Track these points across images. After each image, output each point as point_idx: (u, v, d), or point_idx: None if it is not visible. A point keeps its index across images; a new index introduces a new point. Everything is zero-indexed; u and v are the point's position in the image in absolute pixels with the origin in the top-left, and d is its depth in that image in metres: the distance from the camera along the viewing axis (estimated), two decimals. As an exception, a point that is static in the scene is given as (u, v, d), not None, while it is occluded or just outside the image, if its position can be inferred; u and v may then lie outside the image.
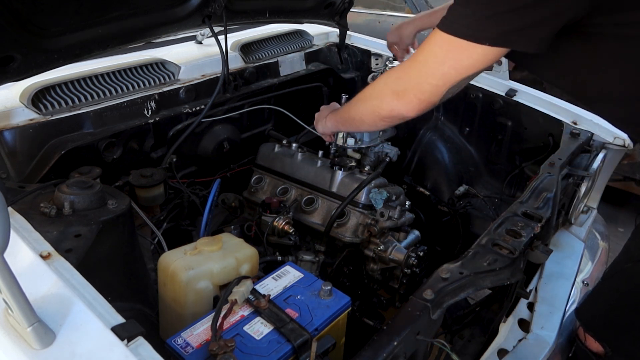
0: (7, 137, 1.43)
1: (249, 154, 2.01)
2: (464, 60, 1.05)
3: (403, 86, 1.16)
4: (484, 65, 1.06)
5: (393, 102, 1.18)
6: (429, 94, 1.12)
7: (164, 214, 1.63)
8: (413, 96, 1.14)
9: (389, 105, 1.20)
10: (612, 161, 1.93)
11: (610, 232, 2.20)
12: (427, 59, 1.10)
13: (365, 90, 1.34)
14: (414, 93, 1.14)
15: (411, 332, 1.00)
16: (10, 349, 0.77)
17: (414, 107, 1.16)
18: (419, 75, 1.13)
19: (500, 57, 1.06)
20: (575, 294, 1.71)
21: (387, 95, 1.20)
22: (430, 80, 1.10)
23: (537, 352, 1.40)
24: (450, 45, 1.04)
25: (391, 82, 1.21)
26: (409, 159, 2.21)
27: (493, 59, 1.05)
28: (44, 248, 0.95)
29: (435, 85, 1.10)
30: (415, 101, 1.14)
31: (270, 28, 2.37)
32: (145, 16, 1.57)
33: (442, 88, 1.10)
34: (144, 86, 1.75)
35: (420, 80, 1.12)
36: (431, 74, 1.10)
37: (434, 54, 1.09)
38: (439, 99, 1.13)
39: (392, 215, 1.60)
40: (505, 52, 1.04)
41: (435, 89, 1.11)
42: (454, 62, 1.06)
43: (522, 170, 1.98)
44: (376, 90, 1.28)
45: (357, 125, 1.43)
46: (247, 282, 1.09)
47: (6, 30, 1.22)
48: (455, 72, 1.07)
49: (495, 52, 1.02)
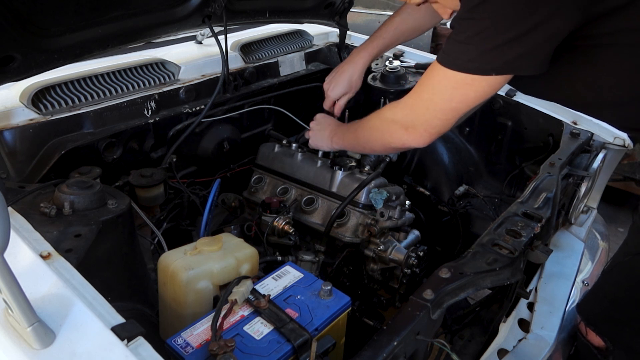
0: (7, 137, 1.42)
1: (249, 154, 2.01)
2: (471, 93, 1.07)
3: (412, 122, 1.19)
4: (491, 93, 1.09)
5: (404, 136, 1.22)
6: (439, 127, 1.16)
7: (164, 214, 1.63)
8: (423, 130, 1.18)
9: (400, 139, 1.23)
10: (612, 161, 1.93)
11: (610, 232, 2.20)
12: (433, 97, 1.12)
13: (372, 120, 1.35)
14: (424, 128, 1.17)
15: (411, 332, 1.00)
16: (10, 349, 0.77)
17: (425, 140, 1.19)
18: (427, 112, 1.15)
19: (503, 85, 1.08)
20: (575, 294, 1.71)
21: (397, 130, 1.23)
22: (439, 116, 1.13)
23: (537, 352, 1.41)
24: (456, 82, 1.06)
25: (399, 118, 1.23)
26: (409, 159, 2.21)
27: (498, 86, 1.08)
28: (44, 248, 0.95)
29: (445, 119, 1.14)
30: (426, 134, 1.18)
31: (270, 28, 2.37)
32: (145, 16, 1.57)
33: (452, 120, 1.14)
34: (144, 86, 1.75)
35: (429, 117, 1.15)
36: (440, 110, 1.12)
37: (441, 92, 1.10)
38: (449, 128, 1.17)
39: (392, 215, 1.60)
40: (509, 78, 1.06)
41: (445, 122, 1.14)
42: (462, 97, 1.08)
43: (522, 170, 1.98)
44: (385, 124, 1.29)
45: (367, 151, 1.48)
46: (247, 282, 1.09)
47: (6, 30, 1.22)
48: (464, 105, 1.10)
49: (500, 80, 1.05)
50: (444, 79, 1.08)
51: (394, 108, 1.28)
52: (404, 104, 1.23)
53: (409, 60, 2.28)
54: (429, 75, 1.12)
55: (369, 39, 1.81)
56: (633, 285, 1.44)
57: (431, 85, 1.12)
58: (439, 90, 1.11)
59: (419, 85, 1.17)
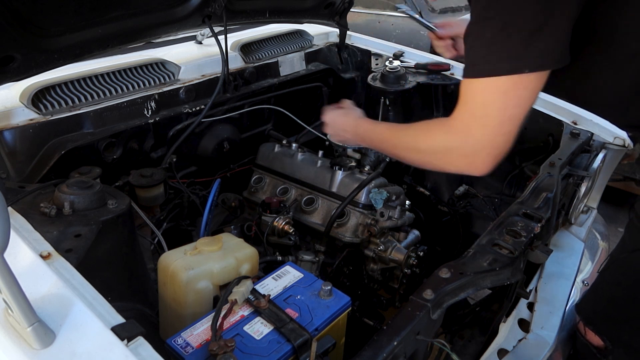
0: (7, 137, 1.42)
1: (249, 154, 2.01)
2: (523, 92, 0.98)
3: (472, 149, 1.05)
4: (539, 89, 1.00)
5: (463, 166, 1.08)
6: (502, 145, 1.02)
7: (164, 214, 1.63)
8: (486, 155, 1.04)
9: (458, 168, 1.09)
10: (612, 161, 1.93)
11: (610, 232, 2.20)
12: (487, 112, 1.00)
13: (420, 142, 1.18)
14: (487, 152, 1.03)
15: (411, 332, 1.00)
16: (10, 349, 0.77)
17: (488, 166, 1.06)
18: (487, 131, 1.01)
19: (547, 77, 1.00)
20: (575, 294, 1.71)
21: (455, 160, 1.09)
22: (500, 131, 1.01)
23: (537, 352, 1.41)
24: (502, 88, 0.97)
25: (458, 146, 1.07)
26: (409, 159, 2.21)
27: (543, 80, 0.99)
28: (44, 248, 0.95)
29: (507, 133, 1.01)
30: (489, 159, 1.04)
31: (270, 28, 2.37)
32: (145, 16, 1.57)
33: (514, 132, 1.01)
34: (144, 86, 1.75)
35: (490, 136, 1.02)
36: (499, 124, 1.00)
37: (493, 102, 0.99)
38: (512, 143, 1.03)
39: (392, 215, 1.60)
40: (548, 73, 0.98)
41: (507, 137, 1.02)
42: (516, 100, 0.98)
43: (522, 170, 1.98)
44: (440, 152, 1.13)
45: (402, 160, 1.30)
46: (247, 282, 1.09)
47: (6, 30, 1.22)
48: (521, 109, 1.00)
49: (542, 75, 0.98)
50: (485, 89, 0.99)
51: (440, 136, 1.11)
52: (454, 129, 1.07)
53: (409, 60, 2.28)
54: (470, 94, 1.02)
55: None
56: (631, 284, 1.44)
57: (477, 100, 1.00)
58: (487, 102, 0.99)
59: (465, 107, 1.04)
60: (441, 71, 2.15)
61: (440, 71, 2.15)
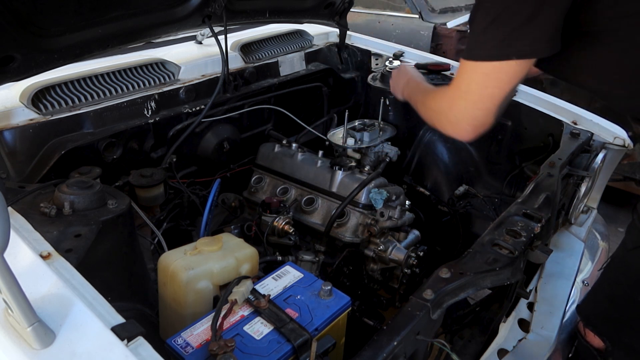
0: (7, 137, 1.42)
1: (249, 154, 2.01)
2: (503, 77, 1.12)
3: (455, 117, 1.22)
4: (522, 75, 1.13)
5: (449, 129, 1.25)
6: (482, 118, 1.18)
7: (164, 214, 1.63)
8: (466, 124, 1.20)
9: (446, 130, 1.26)
10: (612, 161, 1.93)
11: (610, 232, 2.20)
12: (468, 89, 1.17)
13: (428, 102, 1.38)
14: (467, 122, 1.20)
15: (411, 332, 1.00)
16: (10, 349, 0.77)
17: (469, 134, 1.21)
18: (467, 104, 1.18)
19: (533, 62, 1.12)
20: (575, 294, 1.71)
21: (444, 123, 1.27)
22: (479, 105, 1.16)
23: (537, 352, 1.41)
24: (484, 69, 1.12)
25: (445, 111, 1.26)
26: (409, 159, 2.21)
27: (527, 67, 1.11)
28: (44, 248, 0.95)
29: (485, 108, 1.16)
30: (470, 128, 1.20)
31: (270, 28, 2.37)
32: (145, 16, 1.57)
33: (493, 109, 1.16)
34: (144, 86, 1.75)
35: (469, 108, 1.18)
36: (477, 100, 1.16)
37: (473, 82, 1.15)
38: (492, 119, 1.18)
39: (392, 215, 1.60)
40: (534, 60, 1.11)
41: (487, 111, 1.17)
42: (496, 82, 1.12)
43: (522, 170, 1.98)
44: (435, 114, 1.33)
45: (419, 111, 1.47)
46: (247, 282, 1.09)
47: (6, 30, 1.22)
48: (499, 90, 1.13)
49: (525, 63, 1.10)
50: (471, 71, 1.15)
51: (439, 100, 1.31)
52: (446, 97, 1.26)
53: (409, 60, 2.28)
54: (461, 72, 1.18)
55: None
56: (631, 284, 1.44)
57: (466, 78, 1.17)
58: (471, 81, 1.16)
59: (454, 81, 1.21)
60: (441, 71, 2.15)
61: (440, 71, 2.15)
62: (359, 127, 1.87)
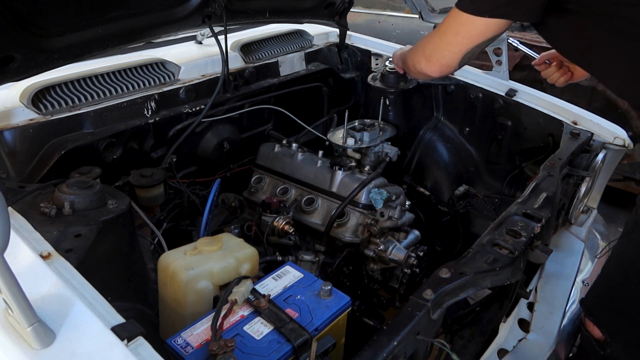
0: (7, 137, 1.42)
1: (249, 154, 2.01)
2: (472, 30, 1.28)
3: (429, 51, 1.41)
4: (490, 34, 1.28)
5: (423, 62, 1.43)
6: (447, 59, 1.37)
7: (164, 214, 1.63)
8: (436, 60, 1.39)
9: (420, 64, 1.44)
10: (612, 161, 1.93)
11: (610, 232, 2.20)
12: (446, 31, 1.35)
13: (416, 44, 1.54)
14: (437, 57, 1.38)
15: (411, 332, 1.00)
16: (10, 349, 0.77)
17: (437, 69, 1.41)
18: (440, 43, 1.37)
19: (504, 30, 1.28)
20: (575, 294, 1.71)
21: (420, 57, 1.44)
22: (448, 47, 1.35)
23: (537, 352, 1.41)
24: (461, 19, 1.28)
25: (423, 46, 1.45)
26: (409, 159, 2.21)
27: (496, 29, 1.27)
28: (44, 248, 0.95)
29: (452, 51, 1.35)
30: (438, 64, 1.39)
31: (270, 28, 2.37)
32: (145, 16, 1.57)
33: (458, 54, 1.34)
34: (144, 86, 1.75)
35: (441, 47, 1.37)
36: (448, 42, 1.34)
37: (450, 27, 1.33)
38: (456, 63, 1.37)
39: (392, 215, 1.60)
40: (507, 24, 1.26)
41: (452, 55, 1.35)
42: (466, 33, 1.29)
43: (522, 170, 1.98)
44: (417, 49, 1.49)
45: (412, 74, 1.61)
46: (247, 282, 1.09)
47: (6, 30, 1.22)
48: (467, 40, 1.30)
49: (496, 24, 1.25)
50: (453, 16, 1.30)
51: (423, 39, 1.48)
52: (428, 36, 1.44)
53: (409, 60, 2.27)
54: (447, 17, 1.34)
55: None
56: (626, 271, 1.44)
57: (446, 22, 1.34)
58: (450, 25, 1.33)
59: (439, 26, 1.40)
60: (441, 71, 2.15)
61: (440, 71, 2.15)
62: (359, 127, 1.87)
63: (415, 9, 3.58)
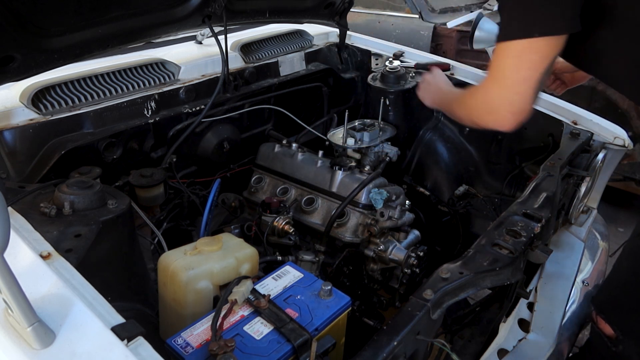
0: (7, 137, 1.42)
1: (249, 154, 2.01)
2: (534, 57, 1.10)
3: (491, 106, 1.20)
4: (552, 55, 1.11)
5: (490, 121, 1.22)
6: (520, 103, 1.15)
7: (164, 214, 1.63)
8: (505, 112, 1.17)
9: (487, 123, 1.24)
10: (612, 161, 1.93)
11: (610, 232, 2.20)
12: (504, 73, 1.14)
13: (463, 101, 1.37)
14: (505, 109, 1.17)
15: (411, 332, 1.00)
16: (10, 349, 0.77)
17: (510, 122, 1.18)
18: (502, 90, 1.16)
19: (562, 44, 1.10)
20: (575, 294, 1.71)
21: (482, 114, 1.25)
22: (515, 90, 1.14)
23: (537, 352, 1.41)
24: (515, 51, 1.11)
25: (482, 102, 1.24)
26: (409, 159, 2.21)
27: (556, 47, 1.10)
28: (44, 248, 0.95)
29: (522, 93, 1.13)
30: (509, 116, 1.17)
31: (270, 28, 2.37)
32: (145, 16, 1.57)
33: (529, 93, 1.13)
34: (144, 86, 1.75)
35: (507, 95, 1.15)
36: (513, 84, 1.13)
37: (506, 66, 1.14)
38: (531, 105, 1.15)
39: (392, 215, 1.60)
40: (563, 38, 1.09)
41: (523, 97, 1.14)
42: (528, 63, 1.11)
43: (522, 170, 1.98)
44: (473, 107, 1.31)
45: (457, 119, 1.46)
46: (247, 282, 1.09)
47: (6, 30, 1.22)
48: (533, 71, 1.11)
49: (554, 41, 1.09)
50: (502, 53, 1.13)
51: (474, 93, 1.30)
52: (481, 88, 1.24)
53: (409, 60, 2.28)
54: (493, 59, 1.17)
55: None
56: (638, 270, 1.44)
57: (496, 64, 1.15)
58: (504, 65, 1.14)
59: (489, 70, 1.19)
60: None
61: (440, 71, 2.15)
62: (359, 127, 1.87)
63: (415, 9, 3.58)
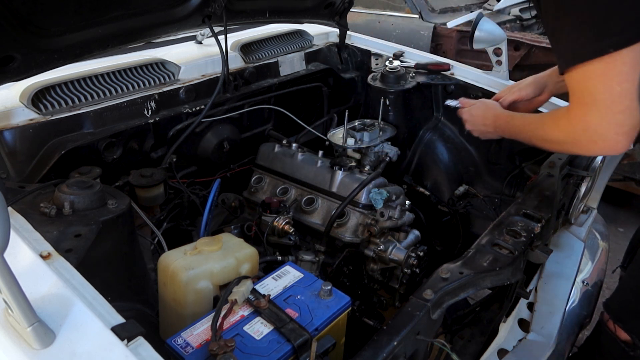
0: (7, 137, 1.42)
1: (249, 154, 2.01)
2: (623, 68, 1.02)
3: (596, 134, 1.09)
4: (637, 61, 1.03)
5: (598, 149, 1.14)
6: (626, 120, 1.05)
7: (164, 214, 1.63)
8: (614, 135, 1.07)
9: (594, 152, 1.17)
10: (612, 161, 1.93)
11: (610, 232, 2.20)
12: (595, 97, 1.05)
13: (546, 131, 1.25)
14: (613, 131, 1.07)
15: (411, 332, 1.00)
16: (10, 349, 0.77)
17: (623, 144, 1.08)
18: (603, 113, 1.06)
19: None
20: (575, 294, 1.71)
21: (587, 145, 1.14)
22: (615, 109, 1.05)
23: (537, 352, 1.41)
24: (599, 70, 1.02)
25: (582, 134, 1.12)
26: (409, 159, 2.21)
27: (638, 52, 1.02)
28: (44, 248, 0.95)
29: (624, 109, 1.04)
30: (620, 138, 1.07)
31: (270, 28, 2.37)
32: (145, 16, 1.57)
33: (632, 105, 1.04)
34: (144, 86, 1.75)
35: (609, 118, 1.06)
36: (611, 104, 1.04)
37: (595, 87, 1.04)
38: (638, 116, 1.05)
39: (392, 215, 1.60)
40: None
41: (627, 111, 1.04)
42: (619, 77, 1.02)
43: (522, 170, 1.98)
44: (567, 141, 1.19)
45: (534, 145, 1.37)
46: (247, 282, 1.09)
47: (6, 30, 1.22)
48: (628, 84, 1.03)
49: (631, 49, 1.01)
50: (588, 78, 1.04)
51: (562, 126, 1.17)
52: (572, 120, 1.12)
53: (409, 60, 2.28)
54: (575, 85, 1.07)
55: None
56: None
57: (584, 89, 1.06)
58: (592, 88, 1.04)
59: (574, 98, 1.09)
60: (441, 71, 2.15)
61: (440, 71, 2.15)
62: (359, 127, 1.87)
63: (415, 9, 3.57)
